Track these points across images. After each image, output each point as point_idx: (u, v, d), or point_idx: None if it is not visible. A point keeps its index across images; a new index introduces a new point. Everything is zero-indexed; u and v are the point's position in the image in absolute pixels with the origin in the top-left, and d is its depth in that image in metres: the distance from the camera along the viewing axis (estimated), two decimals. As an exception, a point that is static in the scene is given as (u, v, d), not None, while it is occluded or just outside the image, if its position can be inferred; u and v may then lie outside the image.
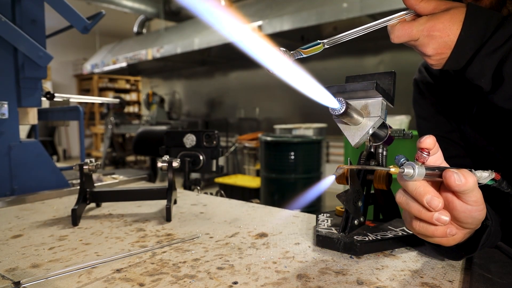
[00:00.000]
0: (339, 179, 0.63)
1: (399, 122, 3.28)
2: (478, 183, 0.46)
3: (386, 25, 0.55)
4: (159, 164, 0.82)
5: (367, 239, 0.56)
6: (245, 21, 0.36)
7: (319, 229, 0.61)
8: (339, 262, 0.53)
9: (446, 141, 0.78)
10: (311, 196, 0.62)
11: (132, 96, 9.86)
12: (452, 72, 0.75)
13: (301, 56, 0.47)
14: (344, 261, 0.53)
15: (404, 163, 0.42)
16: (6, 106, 1.00)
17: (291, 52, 0.45)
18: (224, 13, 0.35)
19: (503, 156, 0.69)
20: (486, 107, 0.69)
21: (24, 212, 0.86)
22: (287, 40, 4.79)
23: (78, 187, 0.82)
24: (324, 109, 0.48)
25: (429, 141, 0.43)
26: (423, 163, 0.42)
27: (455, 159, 0.76)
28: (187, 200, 0.95)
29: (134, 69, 7.71)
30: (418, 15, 0.54)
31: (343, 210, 0.62)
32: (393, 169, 0.42)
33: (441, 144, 0.47)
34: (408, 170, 0.41)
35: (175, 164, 0.82)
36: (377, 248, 0.56)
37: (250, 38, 0.38)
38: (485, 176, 0.48)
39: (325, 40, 0.50)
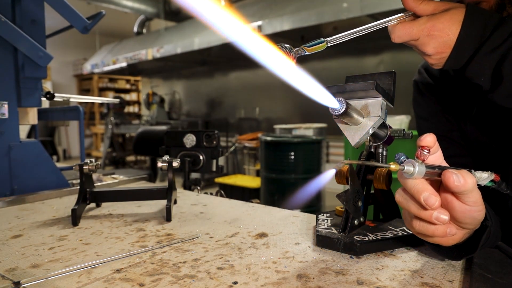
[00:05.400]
0: (339, 179, 0.63)
1: (399, 122, 3.28)
2: (478, 184, 0.46)
3: (387, 25, 0.55)
4: (159, 164, 0.82)
5: (367, 239, 0.56)
6: (245, 21, 0.36)
7: (319, 229, 0.61)
8: (339, 262, 0.53)
9: (447, 140, 0.78)
10: (310, 191, 0.62)
11: (132, 96, 9.87)
12: (451, 73, 0.76)
13: (305, 54, 0.47)
14: (344, 261, 0.53)
15: (405, 160, 0.42)
16: (6, 106, 1.00)
17: (295, 49, 0.45)
18: (224, 13, 0.35)
19: (504, 154, 0.69)
20: (486, 106, 0.70)
21: (24, 212, 0.86)
22: (287, 40, 4.77)
23: (78, 187, 0.82)
24: (324, 109, 0.48)
25: (429, 139, 0.43)
26: (423, 161, 0.42)
27: (455, 158, 0.76)
28: (187, 200, 0.95)
29: (134, 69, 7.71)
30: (417, 17, 0.54)
31: (343, 210, 0.62)
32: (393, 166, 0.42)
33: (441, 143, 0.47)
34: (408, 168, 0.42)
35: (175, 164, 0.82)
36: (377, 248, 0.56)
37: (250, 38, 0.38)
38: (485, 177, 0.48)
39: (328, 38, 0.51)
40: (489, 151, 0.72)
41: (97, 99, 3.03)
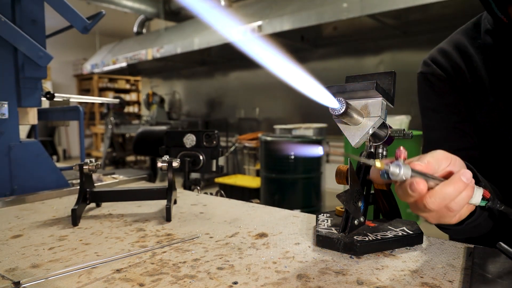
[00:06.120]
0: (339, 179, 0.63)
1: (399, 122, 3.28)
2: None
3: None
4: (159, 164, 0.82)
5: (367, 239, 0.56)
6: (245, 21, 0.36)
7: (319, 229, 0.61)
8: (339, 262, 0.53)
9: (457, 132, 0.78)
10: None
11: (132, 96, 9.87)
12: (463, 66, 0.75)
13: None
14: (344, 261, 0.53)
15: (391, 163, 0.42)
16: (6, 106, 1.00)
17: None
18: (223, 13, 0.35)
19: None
20: (505, 95, 0.70)
21: (24, 212, 0.86)
22: (287, 40, 4.79)
23: (78, 187, 0.82)
24: (324, 109, 0.48)
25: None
26: (404, 159, 0.44)
27: (466, 151, 0.76)
28: (187, 200, 0.95)
29: (134, 69, 7.71)
30: None
31: (343, 210, 0.62)
32: (378, 164, 0.42)
33: (452, 135, 0.47)
34: (394, 169, 0.41)
35: (175, 164, 0.82)
36: (377, 248, 0.56)
37: (249, 38, 0.38)
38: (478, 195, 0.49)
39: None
40: (505, 142, 0.72)
41: (97, 99, 3.03)
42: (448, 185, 0.44)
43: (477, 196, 0.48)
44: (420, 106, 0.85)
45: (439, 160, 0.47)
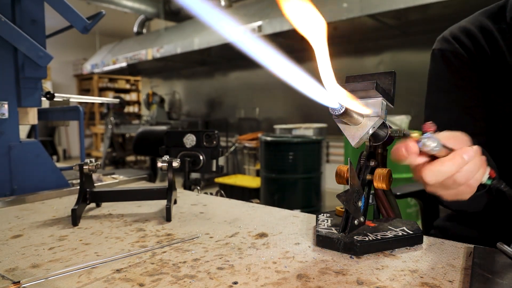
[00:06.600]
0: (339, 179, 0.63)
1: (399, 122, 3.28)
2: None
3: None
4: (159, 164, 0.82)
5: (367, 239, 0.56)
6: (245, 21, 0.36)
7: (319, 229, 0.61)
8: (339, 262, 0.53)
9: (467, 117, 0.75)
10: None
11: (132, 96, 9.87)
12: (487, 49, 0.72)
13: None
14: (344, 261, 0.53)
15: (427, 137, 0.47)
16: (6, 106, 1.00)
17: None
18: (223, 14, 0.35)
19: None
20: None
21: (24, 212, 0.86)
22: (287, 40, 4.79)
23: (78, 187, 0.82)
24: (324, 109, 0.48)
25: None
26: (434, 131, 0.47)
27: (473, 137, 0.75)
28: (187, 200, 0.95)
29: (134, 69, 7.71)
30: None
31: (343, 210, 0.62)
32: (415, 134, 0.47)
33: (462, 118, 0.48)
34: (426, 141, 0.46)
35: (175, 164, 0.82)
36: (377, 248, 0.56)
37: (249, 38, 0.38)
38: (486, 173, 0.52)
39: None
40: None
41: (97, 99, 3.02)
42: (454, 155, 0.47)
43: (485, 174, 0.52)
44: (431, 85, 0.81)
45: (449, 138, 0.49)
